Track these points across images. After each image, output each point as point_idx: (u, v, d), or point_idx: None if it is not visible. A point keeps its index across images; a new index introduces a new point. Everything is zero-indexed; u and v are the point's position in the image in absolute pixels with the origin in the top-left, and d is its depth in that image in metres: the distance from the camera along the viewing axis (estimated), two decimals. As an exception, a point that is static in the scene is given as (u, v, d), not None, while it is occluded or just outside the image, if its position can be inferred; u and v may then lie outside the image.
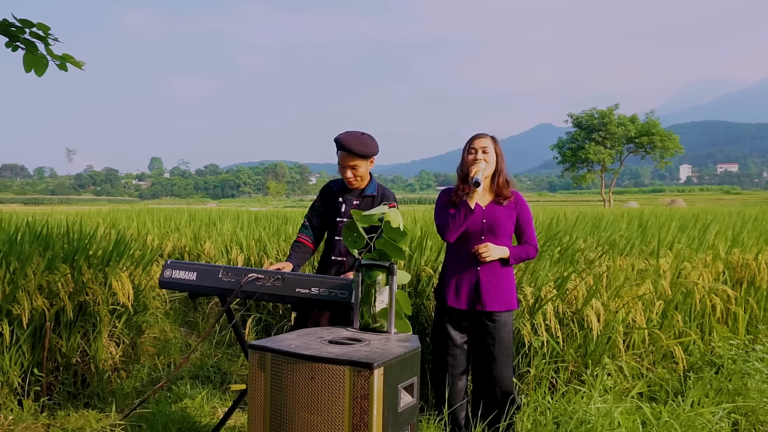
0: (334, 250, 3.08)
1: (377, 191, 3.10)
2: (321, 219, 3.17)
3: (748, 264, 4.58)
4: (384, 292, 2.37)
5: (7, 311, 3.30)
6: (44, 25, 2.62)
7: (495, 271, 2.88)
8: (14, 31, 2.59)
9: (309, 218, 3.19)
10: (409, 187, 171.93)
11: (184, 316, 5.58)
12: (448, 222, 2.83)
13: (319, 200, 3.20)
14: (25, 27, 2.60)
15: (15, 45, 2.62)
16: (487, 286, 2.86)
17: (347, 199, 3.08)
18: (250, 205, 50.22)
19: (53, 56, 2.66)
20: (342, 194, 3.10)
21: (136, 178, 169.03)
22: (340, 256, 3.06)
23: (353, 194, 3.09)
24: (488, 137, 2.92)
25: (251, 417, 2.02)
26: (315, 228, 3.18)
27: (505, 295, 2.89)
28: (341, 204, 3.08)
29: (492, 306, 2.86)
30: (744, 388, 3.33)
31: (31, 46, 2.63)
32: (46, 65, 2.65)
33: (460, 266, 2.91)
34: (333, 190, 3.15)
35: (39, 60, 2.63)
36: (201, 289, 2.79)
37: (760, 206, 21.57)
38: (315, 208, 3.20)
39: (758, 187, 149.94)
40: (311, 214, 3.20)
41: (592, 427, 2.74)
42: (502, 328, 2.87)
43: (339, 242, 3.05)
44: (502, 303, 2.88)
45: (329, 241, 3.14)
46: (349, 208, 3.05)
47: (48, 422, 3.28)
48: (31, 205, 64.27)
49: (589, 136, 46.97)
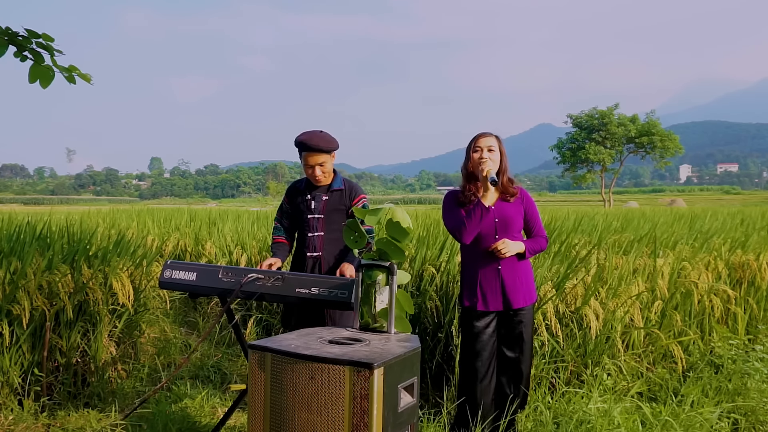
0: (308, 247, 3.14)
1: (344, 185, 3.18)
2: (291, 219, 3.26)
3: (749, 264, 4.58)
4: (384, 292, 2.37)
5: (7, 311, 3.31)
6: (48, 36, 2.64)
7: (516, 268, 2.90)
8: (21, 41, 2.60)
9: (279, 220, 3.28)
10: (409, 187, 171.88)
11: (184, 316, 5.58)
12: (461, 223, 2.82)
13: (287, 201, 3.27)
14: (31, 37, 2.61)
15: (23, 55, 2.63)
16: (511, 284, 2.88)
17: (316, 195, 3.16)
18: (250, 205, 50.23)
19: (59, 68, 2.68)
20: (309, 191, 3.17)
21: (136, 178, 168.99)
22: (315, 252, 3.13)
23: (321, 190, 3.17)
24: (493, 136, 2.93)
25: (251, 417, 2.02)
26: (287, 229, 3.27)
27: (528, 289, 2.93)
28: (310, 201, 3.15)
29: (518, 303, 2.89)
30: (744, 387, 3.33)
31: (37, 56, 2.65)
32: (52, 77, 2.65)
33: (480, 268, 2.90)
34: (300, 189, 3.22)
35: (45, 71, 2.64)
36: (201, 290, 2.80)
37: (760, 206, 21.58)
38: (284, 210, 3.28)
39: (758, 187, 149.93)
40: (280, 216, 3.28)
41: (591, 427, 2.74)
42: (527, 321, 2.92)
43: (312, 238, 3.13)
44: (526, 298, 2.91)
45: (301, 238, 3.20)
46: (320, 204, 3.13)
47: (48, 422, 3.28)
48: (31, 205, 64.27)
49: (589, 136, 46.96)
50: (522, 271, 2.92)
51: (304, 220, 3.16)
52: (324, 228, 3.12)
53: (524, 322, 2.91)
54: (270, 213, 10.78)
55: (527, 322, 2.92)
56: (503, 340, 2.93)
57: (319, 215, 3.12)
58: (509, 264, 2.89)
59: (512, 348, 2.92)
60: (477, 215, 2.78)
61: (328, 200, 3.13)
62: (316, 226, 3.13)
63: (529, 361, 2.95)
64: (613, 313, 3.58)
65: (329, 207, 3.13)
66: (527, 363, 2.94)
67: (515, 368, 2.92)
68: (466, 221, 2.81)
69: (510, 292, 2.87)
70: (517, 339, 2.91)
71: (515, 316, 2.90)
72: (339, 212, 3.13)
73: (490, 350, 2.91)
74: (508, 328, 2.92)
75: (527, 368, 2.95)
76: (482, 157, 2.86)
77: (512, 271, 2.89)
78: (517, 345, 2.91)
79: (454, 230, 2.87)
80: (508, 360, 2.92)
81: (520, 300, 2.89)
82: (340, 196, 3.15)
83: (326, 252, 3.12)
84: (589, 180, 49.22)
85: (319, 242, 3.12)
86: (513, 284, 2.88)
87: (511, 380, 2.93)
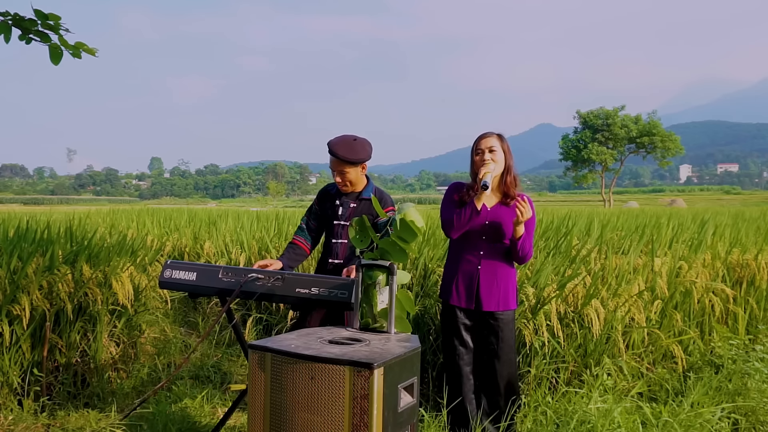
0: (331, 253, 3.08)
1: (375, 194, 3.09)
2: (318, 222, 3.19)
3: (748, 264, 4.58)
4: (384, 292, 2.37)
5: (7, 311, 3.30)
6: (56, 15, 2.71)
7: (495, 272, 2.89)
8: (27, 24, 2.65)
9: (306, 221, 3.21)
10: (409, 187, 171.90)
11: (184, 316, 5.58)
12: (453, 219, 2.83)
13: (317, 203, 3.21)
14: (39, 18, 2.66)
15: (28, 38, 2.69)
16: (486, 286, 2.87)
17: (344, 202, 3.09)
18: (250, 205, 50.23)
19: (66, 46, 2.73)
20: (339, 197, 3.11)
21: (136, 178, 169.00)
22: (337, 259, 3.07)
23: (350, 197, 3.10)
24: (494, 136, 2.90)
25: (251, 417, 2.02)
26: (312, 230, 3.19)
27: (503, 296, 2.89)
28: (338, 207, 3.09)
29: (489, 306, 2.87)
30: (744, 388, 3.33)
31: (44, 37, 2.70)
32: (61, 54, 2.75)
33: (460, 264, 2.92)
34: (331, 194, 3.16)
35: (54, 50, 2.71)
36: (201, 289, 2.79)
37: (760, 206, 21.56)
38: (312, 210, 3.22)
39: (758, 187, 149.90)
40: (308, 216, 3.22)
41: (592, 427, 2.74)
42: (504, 326, 2.88)
43: (336, 245, 3.06)
44: (499, 303, 2.88)
45: (326, 244, 3.14)
46: (347, 211, 3.06)
47: (48, 422, 3.28)
48: (31, 205, 64.27)
49: (593, 136, 47.02)
50: (501, 276, 2.89)
51: (330, 225, 3.10)
52: (347, 236, 3.01)
53: (501, 326, 2.86)
54: (270, 213, 10.78)
55: (504, 327, 2.87)
56: (479, 342, 2.92)
57: (345, 222, 3.05)
58: (490, 267, 2.87)
59: (489, 351, 2.89)
60: (466, 215, 2.80)
61: (356, 208, 3.06)
62: (341, 233, 3.06)
63: (509, 365, 2.89)
64: (613, 312, 3.58)
65: (356, 215, 3.02)
66: (507, 366, 2.88)
67: (492, 371, 2.88)
68: (456, 218, 2.82)
69: (483, 294, 2.86)
70: (492, 342, 2.88)
71: (491, 319, 2.87)
72: None
73: (468, 347, 2.92)
74: (485, 331, 2.90)
75: (508, 371, 2.88)
76: (484, 160, 2.85)
77: (491, 275, 2.87)
78: (493, 348, 2.87)
79: (445, 223, 2.89)
80: (486, 363, 2.91)
81: (492, 303, 2.87)
82: (369, 205, 3.04)
83: (347, 260, 3.04)
84: (590, 180, 49.26)
85: (342, 250, 3.05)
86: (488, 287, 2.87)
87: (492, 384, 2.90)
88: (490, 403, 2.91)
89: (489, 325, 2.88)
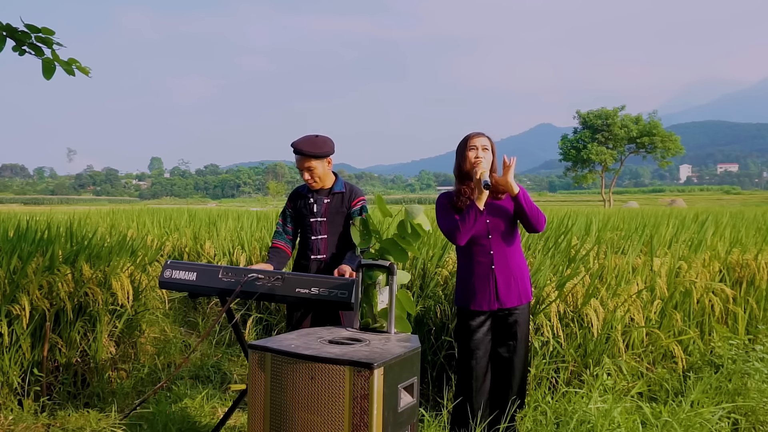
0: (311, 249, 3.16)
1: (345, 188, 3.21)
2: (294, 223, 3.28)
3: (748, 264, 4.58)
4: (384, 292, 2.37)
5: (7, 311, 3.31)
6: (49, 29, 2.68)
7: (510, 267, 2.89)
8: (21, 36, 2.63)
9: (282, 225, 3.29)
10: (409, 187, 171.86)
11: (184, 316, 5.58)
12: (455, 226, 2.82)
13: (290, 206, 3.29)
14: (31, 32, 2.64)
15: (22, 49, 2.67)
16: (503, 284, 2.87)
17: (317, 198, 3.18)
18: (251, 205, 50.22)
19: (59, 61, 2.71)
20: (312, 195, 3.20)
21: (136, 178, 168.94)
22: (319, 254, 3.14)
23: (322, 193, 3.19)
24: (485, 136, 2.94)
25: (251, 417, 2.02)
26: (289, 234, 3.28)
27: (522, 289, 2.91)
28: (312, 204, 3.18)
29: (511, 302, 2.88)
30: (744, 388, 3.33)
31: (37, 50, 2.68)
32: (54, 69, 2.72)
33: (474, 268, 2.90)
34: (302, 193, 3.26)
35: (47, 64, 2.69)
36: (201, 289, 2.80)
37: (761, 206, 21.57)
38: (287, 214, 3.29)
39: (758, 187, 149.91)
40: (283, 221, 3.30)
41: (591, 427, 2.74)
42: (521, 320, 2.90)
43: (316, 241, 3.15)
44: (519, 297, 2.90)
45: (304, 240, 3.22)
46: (321, 207, 3.16)
47: (48, 422, 3.28)
48: (31, 205, 64.27)
49: (593, 136, 47.01)
50: (516, 270, 2.90)
51: (307, 223, 3.18)
52: (327, 231, 3.14)
53: (519, 321, 2.89)
54: (270, 213, 10.78)
55: (522, 321, 2.90)
56: (497, 340, 2.92)
57: (322, 218, 3.15)
58: (503, 264, 2.88)
59: (507, 347, 2.90)
60: (471, 218, 2.78)
61: (330, 203, 3.16)
62: (319, 229, 3.15)
63: (523, 360, 2.93)
64: (613, 312, 3.58)
65: (331, 210, 3.15)
66: (522, 362, 2.92)
67: (509, 368, 2.90)
68: (460, 224, 2.80)
69: (503, 292, 2.86)
70: (511, 338, 2.89)
71: (509, 315, 2.89)
72: (341, 215, 3.15)
73: (484, 349, 2.91)
74: (503, 328, 2.91)
75: (522, 367, 2.92)
76: (478, 156, 2.86)
77: (506, 271, 2.88)
78: (512, 344, 2.90)
79: (449, 233, 2.87)
80: (503, 360, 2.91)
81: (514, 299, 2.88)
82: (341, 199, 3.17)
83: (330, 254, 3.13)
84: (590, 180, 49.25)
85: (323, 245, 3.13)
86: (506, 284, 2.87)
87: (506, 380, 2.91)
88: (498, 402, 2.91)
89: (508, 321, 2.90)
